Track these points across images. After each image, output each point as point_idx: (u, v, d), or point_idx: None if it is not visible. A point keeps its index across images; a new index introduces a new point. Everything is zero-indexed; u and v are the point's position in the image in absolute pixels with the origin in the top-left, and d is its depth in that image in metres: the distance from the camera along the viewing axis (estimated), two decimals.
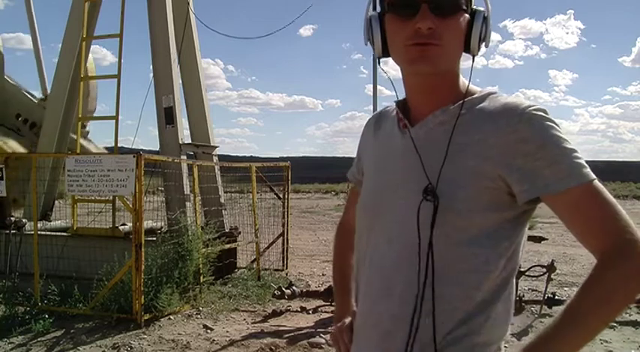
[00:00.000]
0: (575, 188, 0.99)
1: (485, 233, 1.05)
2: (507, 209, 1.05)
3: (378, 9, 1.14)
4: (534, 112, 1.03)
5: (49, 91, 8.06)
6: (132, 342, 4.58)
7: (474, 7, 1.10)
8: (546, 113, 1.04)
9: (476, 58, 1.13)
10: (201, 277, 5.82)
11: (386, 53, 1.13)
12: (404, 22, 1.06)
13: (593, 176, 1.00)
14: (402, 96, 1.20)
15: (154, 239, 5.62)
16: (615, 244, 0.96)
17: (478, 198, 1.04)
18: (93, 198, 6.51)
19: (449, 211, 1.05)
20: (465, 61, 1.15)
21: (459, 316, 1.05)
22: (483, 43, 1.10)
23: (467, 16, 1.08)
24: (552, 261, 5.42)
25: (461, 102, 1.09)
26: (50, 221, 7.46)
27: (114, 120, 6.78)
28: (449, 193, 1.05)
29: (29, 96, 8.48)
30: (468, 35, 1.08)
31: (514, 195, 1.03)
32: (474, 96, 1.11)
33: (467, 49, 1.09)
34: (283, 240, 7.72)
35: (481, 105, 1.09)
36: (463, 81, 1.15)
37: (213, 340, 4.70)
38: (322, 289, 5.90)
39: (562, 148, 1.01)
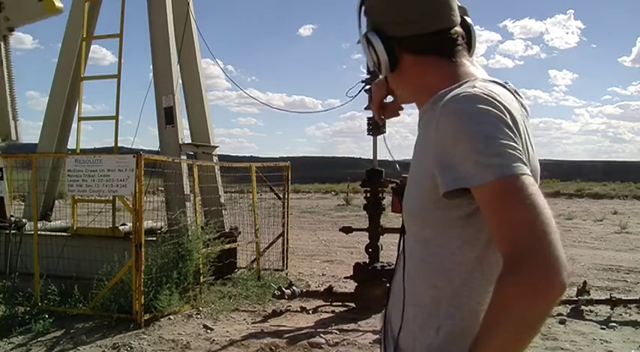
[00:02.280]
0: (480, 187, 0.92)
1: (438, 232, 1.05)
2: (454, 207, 1.01)
3: None
4: (455, 103, 1.00)
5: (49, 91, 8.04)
6: (132, 342, 4.58)
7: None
8: (472, 101, 0.98)
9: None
10: (201, 277, 5.81)
11: None
12: None
13: (508, 172, 0.91)
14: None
15: (154, 239, 5.62)
16: (512, 254, 0.89)
17: (427, 197, 1.04)
18: (93, 198, 6.51)
19: (408, 213, 1.10)
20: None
21: (426, 312, 1.08)
22: (381, 64, 1.16)
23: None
24: None
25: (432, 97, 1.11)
26: (50, 221, 7.45)
27: (114, 120, 6.77)
28: (408, 195, 1.12)
29: None
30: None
31: None
32: (443, 90, 1.08)
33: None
34: (283, 240, 7.72)
35: (441, 98, 1.06)
36: (455, 76, 1.12)
37: (213, 340, 4.70)
38: (322, 289, 5.91)
39: (473, 142, 0.93)
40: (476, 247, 1.03)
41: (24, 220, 6.33)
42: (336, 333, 4.87)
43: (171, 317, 5.26)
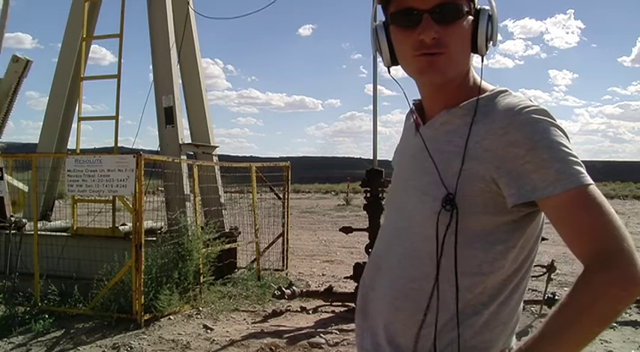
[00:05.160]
0: (562, 194, 0.95)
1: (480, 236, 1.04)
2: (503, 212, 1.03)
3: (382, 18, 1.15)
4: (528, 114, 1.01)
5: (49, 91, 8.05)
6: (132, 342, 4.58)
7: (478, 6, 1.10)
8: (544, 114, 1.01)
9: (479, 57, 1.14)
10: (201, 277, 5.82)
11: (395, 62, 1.14)
12: (408, 33, 1.07)
13: (587, 181, 0.96)
14: (412, 97, 1.23)
15: (154, 239, 5.62)
16: (600, 253, 0.93)
17: (473, 201, 1.03)
18: (93, 198, 6.51)
19: (433, 213, 1.07)
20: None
21: (452, 314, 1.05)
22: (491, 42, 1.09)
23: (470, 17, 1.08)
24: (552, 261, 5.41)
25: (466, 102, 1.10)
26: (50, 221, 7.46)
27: (114, 120, 6.78)
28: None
29: None
30: (474, 36, 1.07)
31: None
32: (482, 96, 1.09)
33: (474, 49, 1.09)
34: (283, 240, 7.72)
35: (486, 105, 1.07)
36: (475, 79, 1.14)
37: (213, 340, 4.70)
38: (322, 289, 5.90)
39: (553, 152, 0.97)
40: (518, 253, 1.06)
41: (24, 220, 6.34)
42: (336, 333, 4.87)
43: (171, 317, 5.26)
